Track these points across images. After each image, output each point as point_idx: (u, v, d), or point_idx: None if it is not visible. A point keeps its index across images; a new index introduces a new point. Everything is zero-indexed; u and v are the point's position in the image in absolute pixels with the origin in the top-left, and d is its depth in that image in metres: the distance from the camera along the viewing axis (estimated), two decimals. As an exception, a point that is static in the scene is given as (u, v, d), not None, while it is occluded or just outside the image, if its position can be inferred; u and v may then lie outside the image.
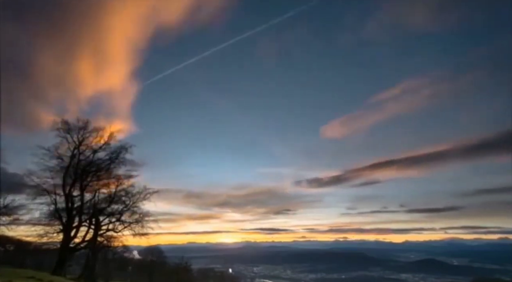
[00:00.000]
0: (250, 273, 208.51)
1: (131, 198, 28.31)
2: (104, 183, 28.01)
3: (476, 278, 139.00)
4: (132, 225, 28.01)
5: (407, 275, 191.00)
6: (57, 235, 25.21)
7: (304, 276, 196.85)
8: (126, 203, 28.19)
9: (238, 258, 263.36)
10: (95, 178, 27.36)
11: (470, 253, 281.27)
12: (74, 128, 25.86)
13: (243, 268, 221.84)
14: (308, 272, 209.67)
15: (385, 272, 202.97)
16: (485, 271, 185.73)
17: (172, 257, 68.40)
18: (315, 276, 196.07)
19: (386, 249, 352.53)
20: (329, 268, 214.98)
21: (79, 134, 26.03)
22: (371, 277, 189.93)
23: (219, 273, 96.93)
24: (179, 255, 67.77)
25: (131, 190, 28.61)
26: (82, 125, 26.17)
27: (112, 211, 28.22)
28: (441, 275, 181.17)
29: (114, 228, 28.20)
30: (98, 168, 27.31)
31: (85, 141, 26.43)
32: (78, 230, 25.92)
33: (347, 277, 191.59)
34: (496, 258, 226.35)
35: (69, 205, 25.30)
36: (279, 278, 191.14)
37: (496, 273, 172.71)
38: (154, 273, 53.38)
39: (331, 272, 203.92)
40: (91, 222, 27.17)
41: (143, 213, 28.43)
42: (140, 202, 28.44)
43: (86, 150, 26.66)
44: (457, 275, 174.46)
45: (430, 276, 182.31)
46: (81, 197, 26.27)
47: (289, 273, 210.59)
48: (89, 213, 27.17)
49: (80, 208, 26.12)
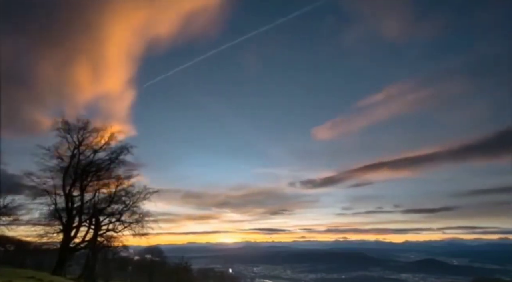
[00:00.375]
0: (250, 273, 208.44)
1: (131, 198, 28.33)
2: (104, 183, 28.02)
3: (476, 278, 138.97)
4: (132, 225, 28.00)
5: (407, 275, 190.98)
6: (57, 235, 25.20)
7: (304, 276, 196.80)
8: (126, 203, 28.18)
9: (238, 258, 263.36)
10: (95, 178, 27.35)
11: (470, 253, 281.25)
12: (74, 128, 25.89)
13: (243, 268, 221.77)
14: (308, 272, 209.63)
15: (385, 272, 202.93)
16: (485, 271, 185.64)
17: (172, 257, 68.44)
18: (315, 276, 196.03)
19: (386, 249, 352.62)
20: (329, 268, 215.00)
21: (79, 135, 26.05)
22: (371, 277, 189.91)
23: (219, 273, 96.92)
24: (179, 255, 67.75)
25: (131, 190, 28.66)
26: (82, 126, 26.23)
27: (112, 211, 28.21)
28: (441, 275, 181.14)
29: (114, 228, 28.18)
30: (98, 168, 27.29)
31: (85, 141, 26.45)
32: (78, 230, 25.91)
33: (347, 277, 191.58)
34: (496, 258, 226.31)
35: (69, 205, 25.29)
36: (279, 278, 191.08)
37: (496, 273, 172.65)
38: (154, 273, 53.38)
39: (331, 272, 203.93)
40: (91, 222, 27.15)
41: (143, 213, 28.47)
42: (140, 202, 28.49)
43: (86, 150, 26.67)
44: (457, 275, 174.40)
45: (430, 276, 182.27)
46: (81, 197, 26.26)
47: (289, 273, 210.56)
48: (89, 213, 27.14)
49: (80, 208, 26.10)
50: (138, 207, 28.39)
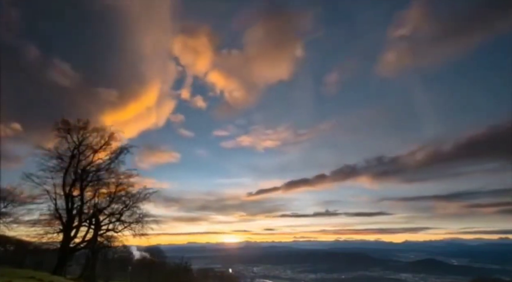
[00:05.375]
0: (250, 273, 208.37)
1: (131, 198, 28.33)
2: (104, 182, 27.98)
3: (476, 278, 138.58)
4: (132, 225, 28.00)
5: (407, 275, 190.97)
6: (57, 235, 25.14)
7: (304, 276, 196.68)
8: (126, 203, 28.17)
9: (238, 258, 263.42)
10: (95, 178, 27.33)
11: (470, 253, 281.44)
12: (74, 128, 25.87)
13: (243, 268, 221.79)
14: (308, 272, 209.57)
15: (385, 272, 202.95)
16: (485, 271, 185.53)
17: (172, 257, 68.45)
18: (315, 276, 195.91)
19: (386, 249, 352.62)
20: (329, 268, 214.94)
21: (79, 135, 26.03)
22: (371, 277, 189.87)
23: (219, 273, 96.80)
24: (179, 255, 67.76)
25: (131, 190, 28.65)
26: (82, 125, 26.22)
27: (112, 211, 28.19)
28: (441, 275, 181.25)
29: (114, 228, 28.15)
30: (98, 168, 27.31)
31: (85, 141, 26.43)
32: (78, 230, 25.88)
33: (347, 277, 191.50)
34: (496, 258, 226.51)
35: (69, 205, 25.26)
36: (279, 278, 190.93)
37: (496, 273, 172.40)
38: (154, 273, 53.34)
39: (331, 272, 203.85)
40: (91, 222, 27.13)
41: (143, 213, 28.47)
42: (140, 202, 28.48)
43: (86, 150, 26.64)
44: (457, 275, 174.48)
45: (430, 276, 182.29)
46: (81, 197, 26.23)
47: (289, 273, 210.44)
48: (89, 213, 27.13)
49: (80, 208, 26.07)
50: (138, 207, 28.44)
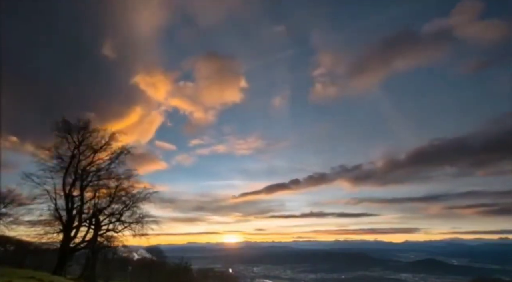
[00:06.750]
0: (250, 273, 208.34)
1: (131, 198, 28.34)
2: (104, 183, 28.01)
3: (476, 278, 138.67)
4: (132, 225, 28.01)
5: (407, 275, 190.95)
6: (57, 235, 25.15)
7: (304, 276, 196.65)
8: (126, 203, 28.19)
9: (238, 258, 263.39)
10: (95, 178, 27.34)
11: (470, 253, 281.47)
12: (74, 128, 25.88)
13: (243, 268, 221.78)
14: (308, 272, 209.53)
15: (385, 272, 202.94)
16: (485, 271, 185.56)
17: (172, 257, 68.47)
18: (315, 276, 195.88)
19: (386, 249, 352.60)
20: (329, 268, 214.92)
21: (79, 135, 26.04)
22: (371, 277, 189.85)
23: (219, 273, 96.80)
24: (179, 255, 67.77)
25: (131, 190, 28.66)
26: (83, 125, 26.24)
27: (112, 211, 28.19)
28: (441, 275, 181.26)
29: (114, 228, 28.17)
30: (98, 168, 27.33)
31: (85, 141, 26.44)
32: (78, 230, 25.88)
33: (347, 277, 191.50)
34: (496, 258, 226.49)
35: (69, 205, 25.27)
36: (279, 278, 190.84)
37: (496, 273, 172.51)
38: (154, 273, 53.35)
39: (331, 272, 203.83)
40: (91, 222, 27.13)
41: (143, 213, 28.48)
42: (140, 202, 28.49)
43: (86, 150, 26.65)
44: (457, 275, 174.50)
45: (430, 276, 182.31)
46: (81, 197, 26.24)
47: (289, 273, 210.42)
48: (89, 213, 27.15)
49: (80, 208, 26.08)
50: (138, 207, 28.45)
